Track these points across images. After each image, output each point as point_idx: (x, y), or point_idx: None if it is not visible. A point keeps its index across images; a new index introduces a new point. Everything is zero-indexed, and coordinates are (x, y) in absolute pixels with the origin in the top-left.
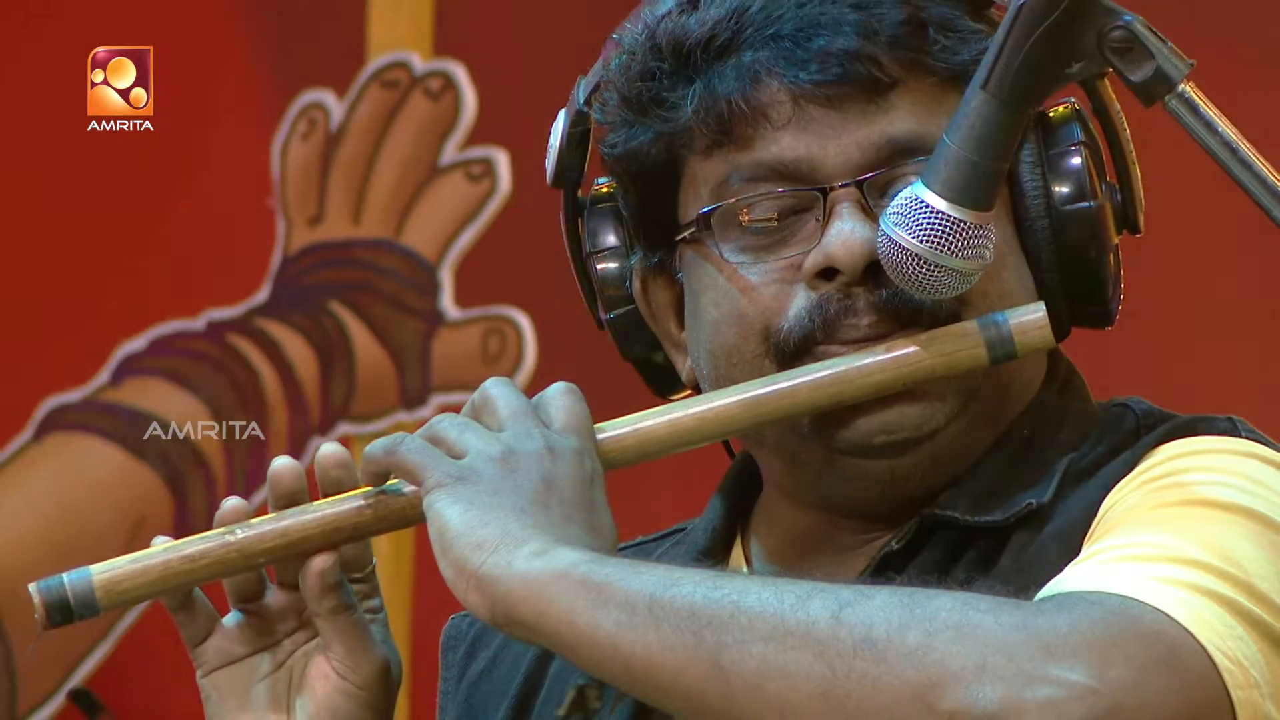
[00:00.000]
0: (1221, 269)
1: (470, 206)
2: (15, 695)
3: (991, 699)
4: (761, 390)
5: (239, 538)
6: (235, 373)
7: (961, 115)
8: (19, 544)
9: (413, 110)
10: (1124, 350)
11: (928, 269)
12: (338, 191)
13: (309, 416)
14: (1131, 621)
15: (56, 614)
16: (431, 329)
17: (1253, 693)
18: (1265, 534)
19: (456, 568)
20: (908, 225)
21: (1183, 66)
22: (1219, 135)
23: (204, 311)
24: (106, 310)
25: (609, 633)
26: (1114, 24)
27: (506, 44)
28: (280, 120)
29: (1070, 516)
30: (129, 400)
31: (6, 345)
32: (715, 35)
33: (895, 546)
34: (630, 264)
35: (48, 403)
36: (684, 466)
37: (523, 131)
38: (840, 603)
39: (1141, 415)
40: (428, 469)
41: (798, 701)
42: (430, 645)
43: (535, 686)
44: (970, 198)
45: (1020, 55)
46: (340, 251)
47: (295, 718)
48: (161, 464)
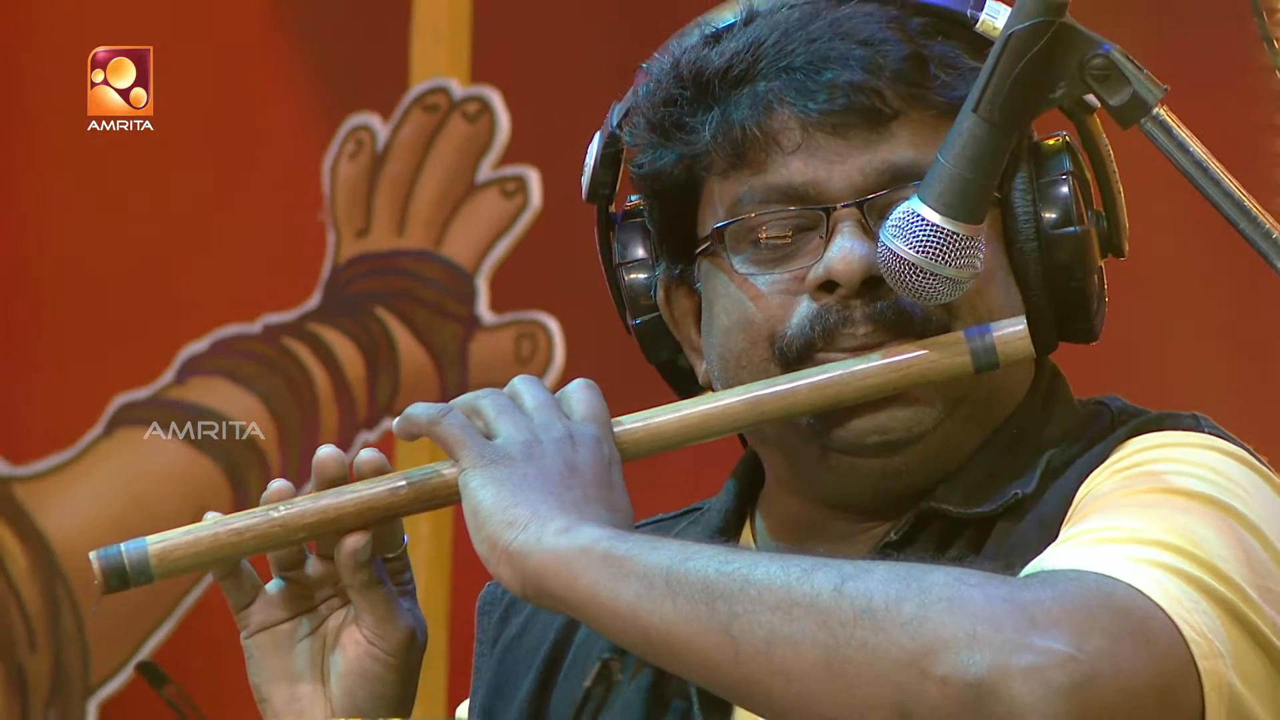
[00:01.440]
0: (1192, 280)
1: (504, 220)
2: (88, 668)
3: (980, 665)
4: (764, 391)
5: (282, 514)
6: (289, 372)
7: (954, 136)
8: (91, 528)
9: (451, 132)
10: (1102, 353)
11: (923, 277)
12: (383, 206)
13: (356, 413)
14: (1107, 596)
15: (114, 579)
16: (469, 333)
17: (1217, 662)
18: (1225, 519)
19: (489, 544)
20: (905, 237)
21: (1157, 92)
22: (1191, 155)
23: (261, 316)
24: (172, 315)
25: (629, 603)
26: (1094, 52)
27: (537, 71)
28: (330, 141)
29: (1050, 504)
30: (192, 397)
31: (81, 347)
32: (733, 66)
33: (894, 538)
34: (656, 274)
35: (118, 400)
36: (698, 451)
37: (552, 151)
38: (842, 576)
39: (1116, 412)
40: (465, 448)
41: (802, 667)
42: (469, 614)
43: (562, 652)
44: (962, 211)
45: (1008, 81)
46: (385, 261)
47: (328, 677)
48: (221, 456)
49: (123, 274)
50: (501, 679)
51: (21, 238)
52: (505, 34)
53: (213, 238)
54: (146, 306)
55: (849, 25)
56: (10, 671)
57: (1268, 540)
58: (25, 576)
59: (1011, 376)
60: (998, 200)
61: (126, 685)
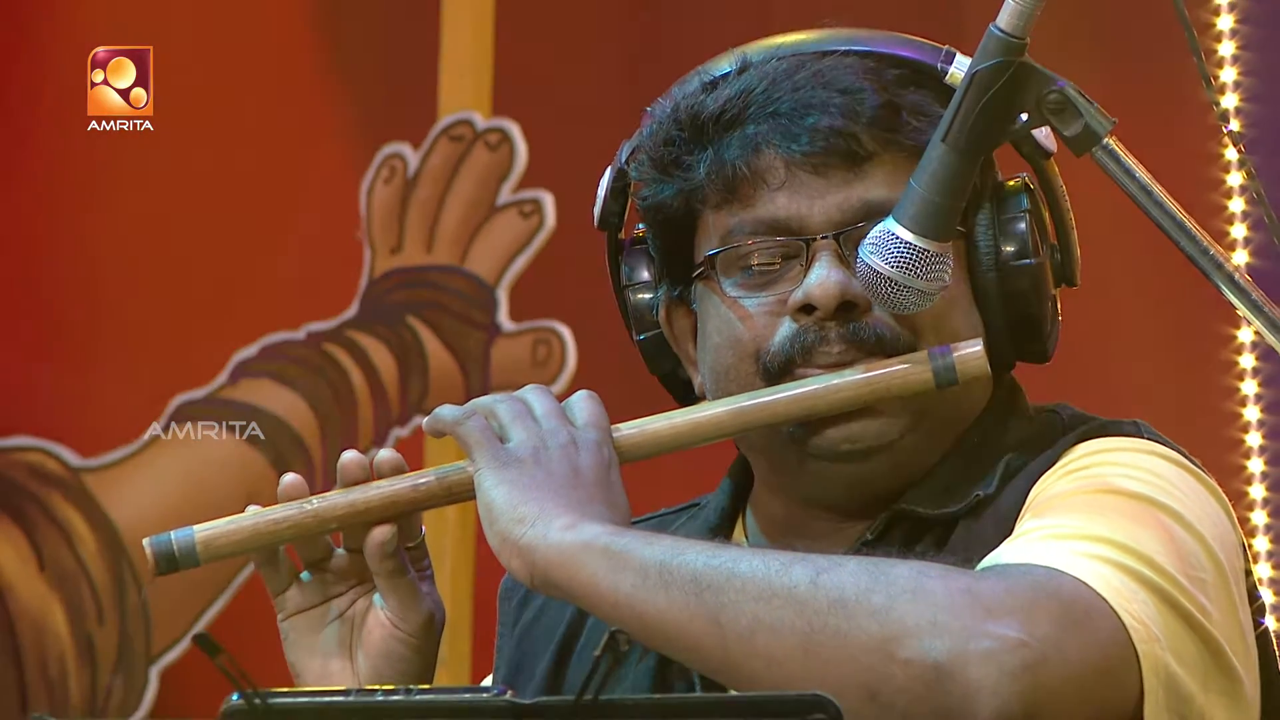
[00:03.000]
0: (1135, 296)
1: (522, 238)
2: (150, 639)
3: (941, 650)
4: (748, 402)
5: (315, 506)
6: (330, 375)
7: (925, 163)
8: (152, 514)
9: (475, 159)
10: (1057, 363)
11: (896, 289)
12: (413, 226)
13: (390, 411)
14: (1055, 588)
15: (163, 563)
16: (490, 339)
17: (1154, 646)
18: (1160, 517)
19: (501, 538)
20: (881, 254)
21: (1106, 124)
22: (1137, 180)
23: (305, 324)
24: (225, 323)
25: (626, 593)
26: (1050, 89)
27: (552, 105)
28: (367, 168)
29: (1007, 504)
30: (243, 397)
31: (143, 352)
32: (725, 111)
33: (869, 537)
34: (658, 295)
35: (177, 399)
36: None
37: (566, 177)
38: (817, 569)
39: (1067, 419)
40: (481, 450)
41: (782, 651)
42: (491, 600)
43: (576, 633)
44: (932, 230)
45: (973, 114)
46: (415, 275)
47: (355, 656)
48: (269, 449)
49: (181, 286)
50: (520, 659)
51: (94, 250)
52: (523, 72)
53: (262, 254)
54: (202, 316)
55: (830, 75)
56: (81, 642)
57: (1199, 535)
58: (94, 557)
59: (972, 391)
60: (963, 234)
61: (184, 654)
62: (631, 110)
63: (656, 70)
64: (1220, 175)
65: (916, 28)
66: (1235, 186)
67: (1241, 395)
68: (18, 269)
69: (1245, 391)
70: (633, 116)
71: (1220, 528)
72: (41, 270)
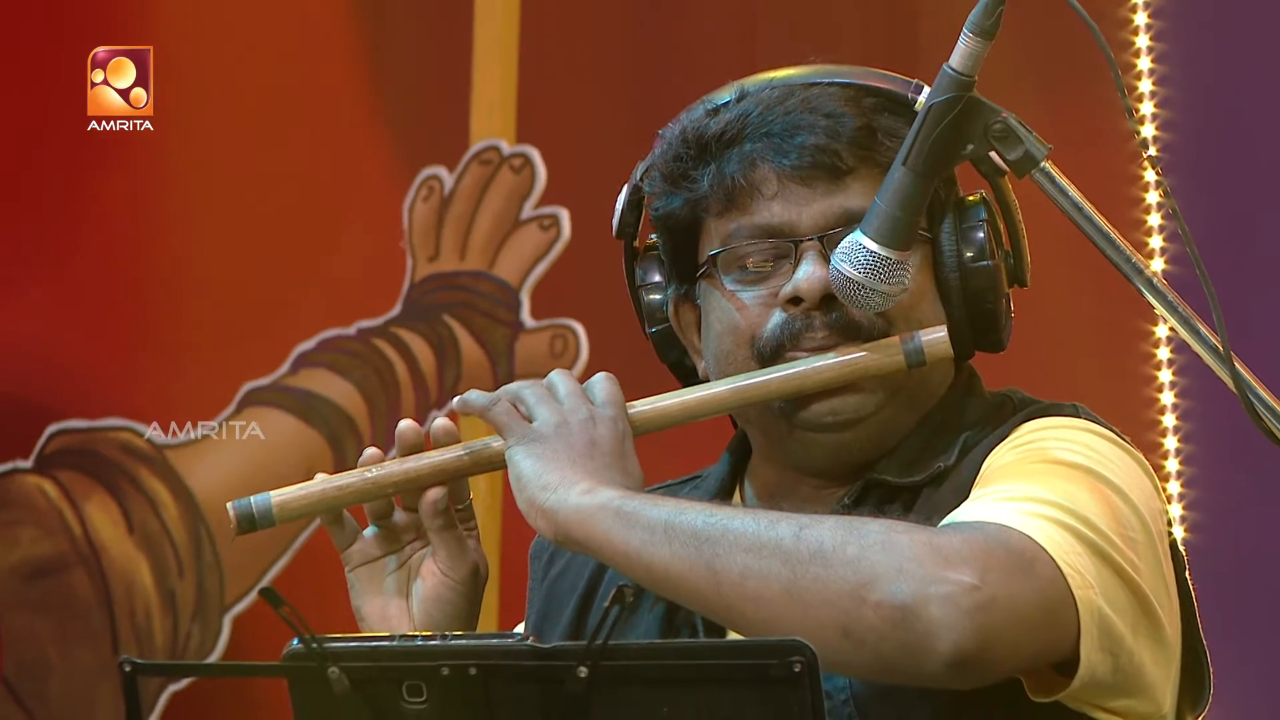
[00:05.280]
0: (1073, 299)
1: (542, 248)
2: (223, 590)
3: (906, 593)
4: (744, 381)
5: (374, 474)
6: (377, 364)
7: (888, 183)
8: (225, 486)
9: (501, 180)
10: (1010, 356)
11: (862, 290)
12: (449, 238)
13: (429, 396)
14: (1003, 541)
15: (244, 523)
16: (515, 334)
17: (1089, 592)
18: (1095, 483)
19: (529, 503)
20: (850, 261)
21: (1043, 149)
22: (1069, 198)
23: (356, 322)
24: (288, 321)
25: (636, 547)
26: (995, 119)
27: (568, 134)
28: (408, 188)
29: (964, 474)
30: (303, 384)
31: (216, 345)
32: (725, 131)
33: (847, 501)
34: (668, 294)
35: (246, 386)
36: (692, 428)
37: (579, 195)
38: (800, 525)
39: (1017, 402)
40: (509, 429)
41: (769, 595)
42: (515, 558)
43: (595, 586)
44: (894, 241)
45: (929, 141)
46: (450, 280)
47: (411, 602)
48: (325, 429)
49: (250, 290)
50: (548, 608)
51: (177, 258)
52: (543, 105)
53: (320, 262)
54: (268, 315)
55: (816, 101)
56: (164, 594)
57: (1129, 498)
58: (176, 522)
59: (936, 374)
60: (930, 240)
61: (252, 605)
62: (635, 139)
63: (656, 105)
64: (1140, 194)
65: (879, 62)
66: (1153, 204)
67: (1159, 382)
68: (112, 276)
69: (1161, 379)
70: (636, 144)
71: (1147, 494)
72: (132, 277)
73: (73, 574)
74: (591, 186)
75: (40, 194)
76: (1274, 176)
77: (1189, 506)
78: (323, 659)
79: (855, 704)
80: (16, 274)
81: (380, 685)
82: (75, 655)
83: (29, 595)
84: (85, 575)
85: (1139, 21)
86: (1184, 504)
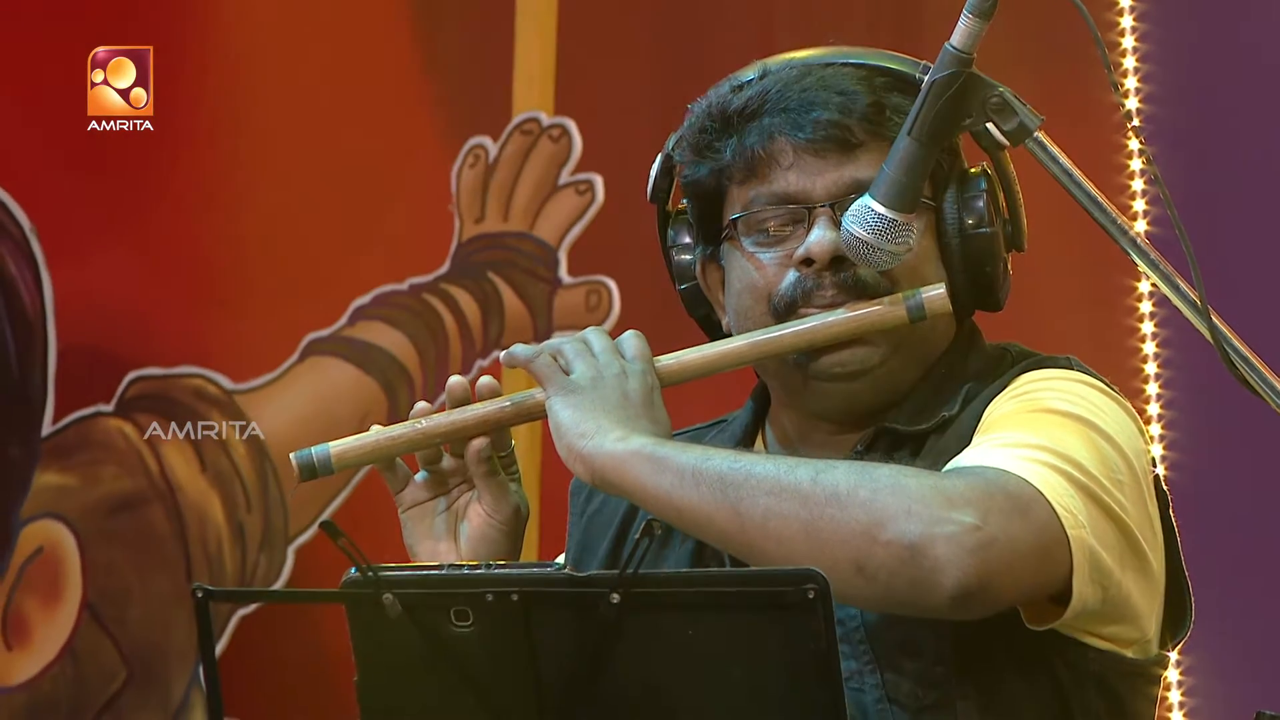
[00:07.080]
0: (1066, 260)
1: (578, 211)
2: (288, 524)
3: (914, 533)
4: (761, 336)
5: (424, 426)
6: (427, 318)
7: (895, 151)
8: (288, 430)
9: (541, 149)
10: (1006, 312)
11: (871, 250)
12: (493, 201)
13: (475, 347)
14: (1003, 484)
15: (305, 471)
16: (553, 290)
17: (1080, 531)
18: (1087, 431)
19: (568, 449)
20: (859, 222)
21: (1036, 120)
22: (1060, 165)
23: (408, 278)
24: (347, 277)
25: (666, 490)
26: (992, 93)
27: (602, 106)
28: (456, 156)
29: (966, 422)
30: (360, 335)
31: (282, 300)
32: (747, 106)
33: (860, 448)
34: (696, 254)
35: (308, 336)
36: (717, 379)
37: (613, 163)
38: (817, 470)
39: (1015, 355)
40: (549, 381)
41: (789, 534)
42: (554, 499)
43: (629, 522)
44: (899, 204)
45: (932, 114)
46: (494, 240)
47: (459, 541)
48: (380, 377)
49: (312, 248)
50: (586, 541)
51: (244, 221)
52: (580, 79)
53: (375, 223)
54: (328, 271)
55: (831, 80)
56: (234, 527)
57: (1117, 444)
58: (244, 461)
59: (939, 330)
60: (934, 208)
61: (314, 536)
62: (663, 111)
63: (682, 80)
64: (1125, 161)
65: (886, 42)
66: (1136, 170)
67: (1142, 334)
68: (189, 240)
69: (1144, 331)
70: (663, 116)
71: (1134, 440)
72: (205, 239)
73: (150, 509)
74: (623, 154)
75: (39, 193)
76: (1248, 145)
77: (1169, 447)
78: (378, 586)
79: (865, 630)
80: (101, 237)
81: (430, 610)
82: (152, 583)
83: (110, 528)
84: (161, 510)
85: (1123, 3)
86: (1165, 444)
